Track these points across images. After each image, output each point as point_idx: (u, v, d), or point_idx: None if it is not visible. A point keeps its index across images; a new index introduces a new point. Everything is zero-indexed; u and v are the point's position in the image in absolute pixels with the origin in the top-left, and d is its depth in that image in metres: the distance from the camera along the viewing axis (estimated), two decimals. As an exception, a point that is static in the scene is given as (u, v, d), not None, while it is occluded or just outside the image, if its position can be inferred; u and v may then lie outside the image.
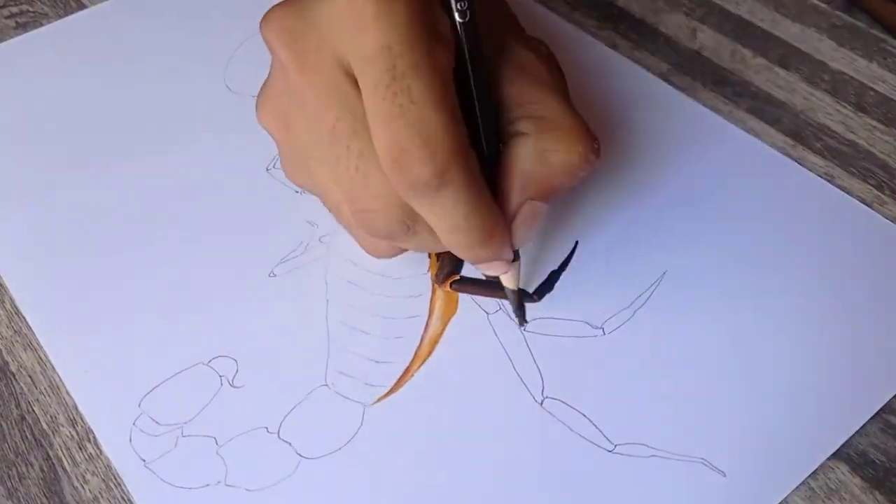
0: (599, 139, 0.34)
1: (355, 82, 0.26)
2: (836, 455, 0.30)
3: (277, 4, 0.28)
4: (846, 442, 0.30)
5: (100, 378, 0.32)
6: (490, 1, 0.30)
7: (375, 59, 0.25)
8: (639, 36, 0.44)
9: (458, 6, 0.27)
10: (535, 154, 0.29)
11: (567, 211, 0.37)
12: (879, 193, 0.37)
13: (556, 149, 0.29)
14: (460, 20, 0.27)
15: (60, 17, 0.46)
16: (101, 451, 0.31)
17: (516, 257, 0.31)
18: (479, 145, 0.29)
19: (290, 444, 0.30)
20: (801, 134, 0.40)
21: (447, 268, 0.35)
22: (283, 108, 0.29)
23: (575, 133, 0.29)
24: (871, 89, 0.41)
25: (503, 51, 0.30)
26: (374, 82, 0.25)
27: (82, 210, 0.37)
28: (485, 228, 0.28)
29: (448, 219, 0.27)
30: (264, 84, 0.30)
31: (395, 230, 0.28)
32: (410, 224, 0.28)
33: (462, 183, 0.26)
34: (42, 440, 0.31)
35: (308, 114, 0.28)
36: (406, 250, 0.32)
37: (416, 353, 0.33)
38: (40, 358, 0.33)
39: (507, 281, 0.32)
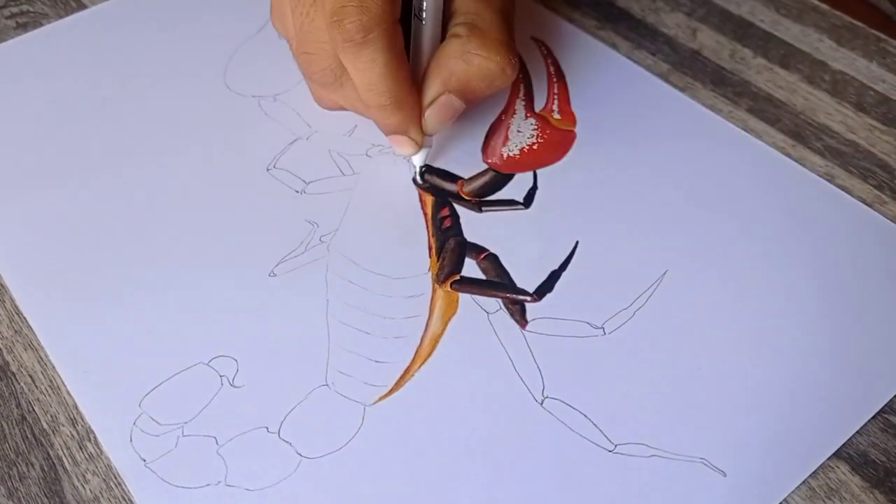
0: (599, 139, 0.35)
1: None
2: (837, 455, 0.30)
3: None
4: (846, 442, 0.30)
5: (100, 378, 0.32)
6: None
7: None
8: (639, 36, 0.44)
9: None
10: (461, 53, 0.34)
11: (567, 211, 0.37)
12: (880, 193, 0.37)
13: (478, 53, 0.34)
14: None
15: (61, 17, 0.46)
16: (101, 451, 0.31)
17: (428, 145, 0.36)
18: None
19: (290, 443, 0.30)
20: (801, 134, 0.40)
21: (448, 268, 0.35)
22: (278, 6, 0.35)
23: (498, 45, 0.34)
24: (871, 89, 0.41)
25: None
26: None
27: (82, 210, 0.37)
28: (397, 94, 0.33)
29: (366, 75, 0.32)
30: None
31: (326, 77, 0.34)
32: (338, 75, 0.34)
33: (382, 47, 0.32)
34: (42, 440, 0.31)
35: None
36: (345, 108, 0.36)
37: (416, 353, 0.33)
38: (41, 358, 0.33)
39: (415, 160, 0.37)
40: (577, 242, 0.36)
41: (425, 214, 0.37)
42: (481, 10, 0.34)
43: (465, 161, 0.39)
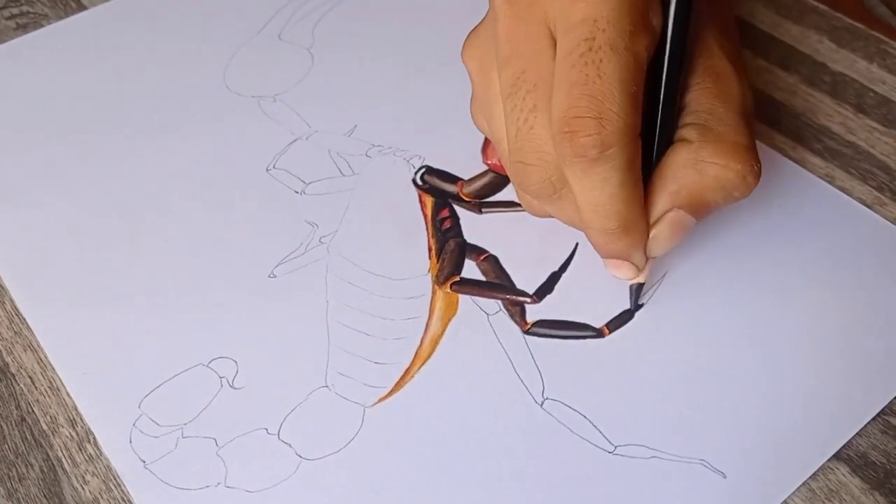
0: None
1: (554, 44, 0.28)
2: (837, 456, 0.30)
3: None
4: (846, 443, 0.30)
5: (100, 379, 0.32)
6: (711, 2, 0.31)
7: (579, 26, 0.27)
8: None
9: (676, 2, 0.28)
10: (692, 163, 0.29)
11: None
12: (880, 195, 0.37)
13: (713, 161, 0.29)
14: (674, 16, 0.28)
15: (61, 18, 0.46)
16: (101, 452, 0.31)
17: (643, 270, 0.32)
18: (649, 143, 0.29)
19: (290, 445, 0.30)
20: (801, 135, 0.40)
21: (447, 269, 0.35)
22: (485, 50, 0.31)
23: (737, 150, 0.29)
24: (871, 90, 0.41)
25: (702, 52, 0.30)
26: (569, 48, 0.27)
27: (82, 210, 0.37)
28: (625, 218, 0.29)
29: (594, 195, 0.28)
30: (477, 25, 0.33)
31: (543, 189, 0.30)
32: (558, 188, 0.29)
33: (619, 165, 0.27)
34: (42, 441, 0.31)
35: (501, 59, 0.29)
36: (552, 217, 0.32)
37: (416, 355, 0.33)
38: (40, 359, 0.33)
39: (634, 280, 0.32)
40: (577, 244, 0.36)
41: (425, 216, 0.37)
42: (717, 108, 0.29)
43: (465, 162, 0.39)
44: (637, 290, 0.33)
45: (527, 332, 0.33)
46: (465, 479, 0.29)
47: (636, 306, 0.33)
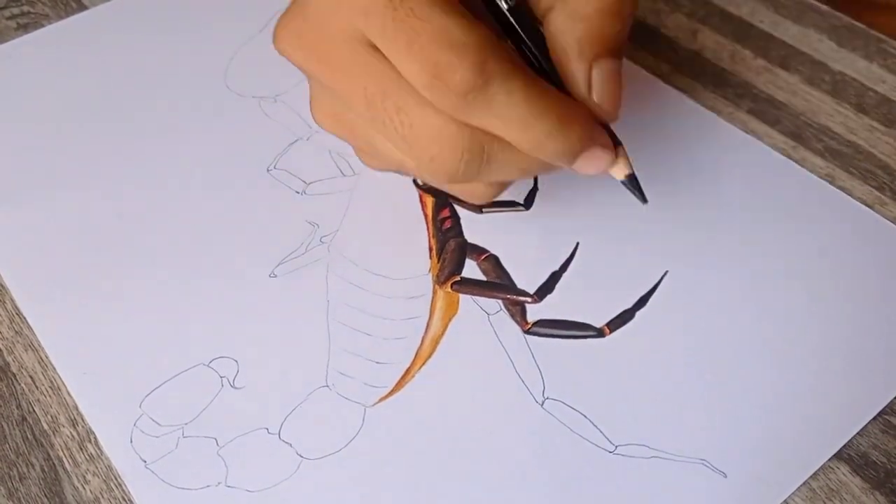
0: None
1: (370, 46, 0.26)
2: (837, 456, 0.30)
3: (280, 18, 0.29)
4: (847, 443, 0.30)
5: (101, 379, 0.32)
6: None
7: (372, 3, 0.25)
8: (640, 37, 0.44)
9: None
10: (570, 15, 0.27)
11: (568, 212, 0.37)
12: (880, 195, 0.37)
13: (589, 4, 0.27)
14: None
15: (61, 18, 0.46)
16: (101, 452, 0.31)
17: (616, 142, 0.29)
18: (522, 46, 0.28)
19: (290, 445, 0.30)
20: (801, 135, 0.40)
21: (448, 269, 0.35)
22: (329, 107, 0.30)
23: None
24: (872, 90, 0.41)
25: None
26: (381, 24, 0.25)
27: (83, 210, 0.37)
28: (557, 111, 0.26)
29: (513, 114, 0.26)
30: (310, 98, 0.31)
31: (469, 164, 0.27)
32: (477, 149, 0.27)
33: (506, 72, 0.25)
34: (43, 440, 0.31)
35: (344, 99, 0.28)
36: (504, 186, 0.30)
37: (416, 354, 0.33)
38: (41, 358, 0.33)
39: (618, 170, 0.29)
40: (577, 244, 0.36)
41: (426, 215, 0.37)
42: None
43: (466, 162, 0.38)
44: (633, 183, 0.30)
45: (527, 332, 0.33)
46: (465, 479, 0.29)
47: (643, 199, 0.30)
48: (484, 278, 0.35)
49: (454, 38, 0.25)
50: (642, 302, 0.34)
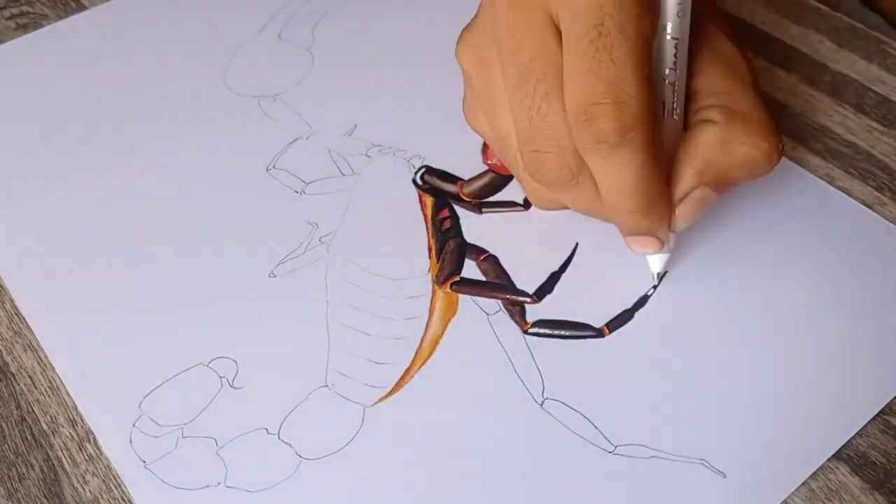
0: None
1: (558, 33, 0.28)
2: (837, 456, 0.30)
3: None
4: (846, 443, 0.30)
5: (100, 379, 0.32)
6: None
7: (585, 13, 0.27)
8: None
9: None
10: (720, 142, 0.29)
11: (567, 212, 0.37)
12: (879, 195, 0.37)
13: (742, 141, 0.29)
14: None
15: (60, 18, 0.46)
16: (101, 452, 0.31)
17: (667, 249, 0.32)
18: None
19: (290, 445, 0.30)
20: (801, 135, 0.40)
21: (447, 269, 0.35)
22: (483, 45, 0.31)
23: (764, 128, 0.30)
24: (871, 90, 0.41)
25: (706, 38, 0.31)
26: (578, 36, 0.27)
27: (82, 211, 0.37)
28: (649, 197, 0.29)
29: (617, 178, 0.28)
30: (470, 22, 0.32)
31: (561, 177, 0.29)
32: (576, 174, 0.29)
33: (640, 146, 0.28)
34: (42, 441, 0.31)
35: (504, 52, 0.29)
36: (566, 208, 0.32)
37: (416, 354, 0.33)
38: (40, 359, 0.33)
39: (653, 264, 0.33)
40: (576, 244, 0.36)
41: (425, 215, 0.37)
42: (734, 87, 0.30)
43: (465, 162, 0.38)
44: (658, 278, 0.34)
45: (527, 332, 0.33)
46: (464, 479, 0.29)
47: (658, 282, 0.34)
48: (483, 278, 0.35)
49: (623, 94, 0.27)
50: (642, 302, 0.34)
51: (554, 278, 0.35)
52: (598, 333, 0.33)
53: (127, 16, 0.46)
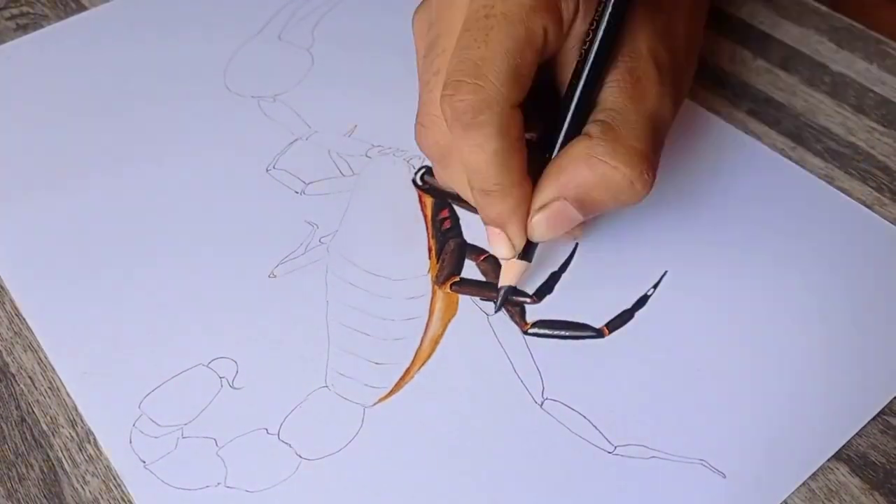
0: None
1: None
2: (837, 456, 0.30)
3: None
4: (846, 443, 0.30)
5: (100, 379, 0.32)
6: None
7: (470, 15, 0.28)
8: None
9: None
10: (585, 158, 0.29)
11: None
12: (879, 195, 0.37)
13: (603, 160, 0.29)
14: (605, 14, 0.29)
15: (61, 18, 0.46)
16: (101, 453, 0.31)
17: (527, 257, 0.32)
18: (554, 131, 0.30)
19: (290, 445, 0.30)
20: (801, 136, 0.40)
21: (447, 269, 0.35)
22: (423, 20, 0.33)
23: (631, 154, 0.29)
24: (871, 91, 0.41)
25: (631, 56, 0.30)
26: (471, 13, 0.28)
27: (82, 211, 0.37)
28: (500, 184, 0.29)
29: (472, 158, 0.29)
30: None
31: (433, 153, 0.32)
32: (445, 153, 0.31)
33: (492, 133, 0.28)
34: (42, 441, 0.31)
35: (431, 26, 0.32)
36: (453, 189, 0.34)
37: (416, 355, 0.33)
38: (40, 359, 0.33)
39: (505, 274, 0.33)
40: (577, 244, 0.36)
41: (425, 216, 0.37)
42: (627, 108, 0.29)
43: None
44: (504, 294, 0.33)
45: (527, 333, 0.33)
46: (464, 480, 0.29)
47: (497, 308, 0.33)
48: (483, 279, 0.35)
49: (482, 75, 0.28)
50: (642, 302, 0.34)
51: (554, 278, 0.35)
52: (598, 333, 0.33)
53: (127, 16, 0.46)
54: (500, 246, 0.31)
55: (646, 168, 0.29)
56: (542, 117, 0.31)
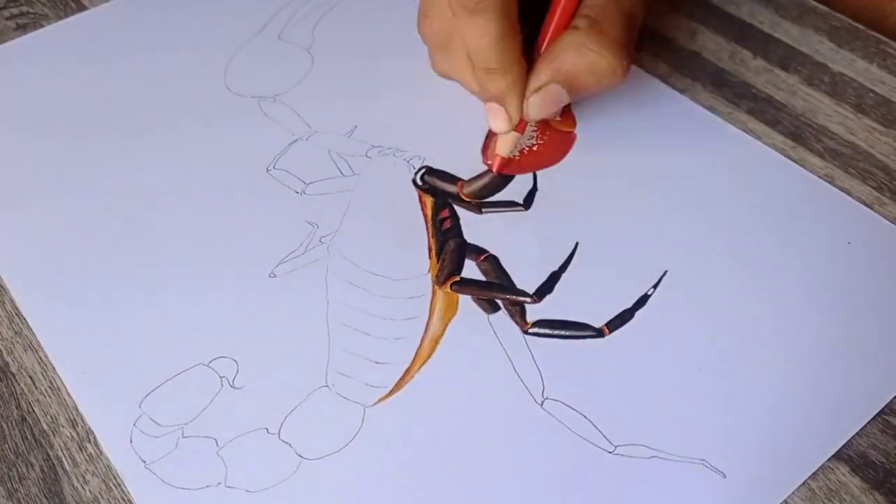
0: (599, 141, 0.34)
1: None
2: (837, 456, 0.30)
3: None
4: (846, 443, 0.30)
5: (100, 379, 0.32)
6: None
7: None
8: (639, 37, 0.44)
9: None
10: (575, 46, 0.34)
11: (567, 212, 0.37)
12: (879, 195, 0.37)
13: (591, 48, 0.34)
14: None
15: (60, 18, 0.46)
16: (101, 452, 0.31)
17: (519, 129, 0.36)
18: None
19: (290, 445, 0.30)
20: (801, 135, 0.40)
21: (447, 269, 0.35)
22: None
23: (614, 43, 0.34)
24: (871, 91, 0.41)
25: None
26: None
27: (82, 211, 0.37)
28: (502, 62, 0.33)
29: (476, 41, 0.33)
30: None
31: (437, 38, 0.36)
32: (449, 38, 0.35)
33: (495, 16, 0.32)
34: (42, 441, 0.31)
35: None
36: (452, 78, 0.38)
37: (416, 355, 0.33)
38: (41, 359, 0.33)
39: (501, 145, 0.37)
40: (576, 244, 0.36)
41: (425, 216, 0.37)
42: (607, 5, 0.35)
43: (465, 162, 0.39)
44: (500, 163, 0.37)
45: (527, 332, 0.33)
46: (464, 479, 0.29)
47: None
48: (483, 278, 0.35)
49: None
50: (642, 302, 0.34)
51: (554, 278, 0.35)
52: (598, 333, 0.33)
53: (127, 16, 0.46)
54: (499, 119, 0.35)
55: (625, 57, 0.34)
56: (530, 17, 0.35)
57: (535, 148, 0.39)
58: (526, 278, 0.35)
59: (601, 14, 0.34)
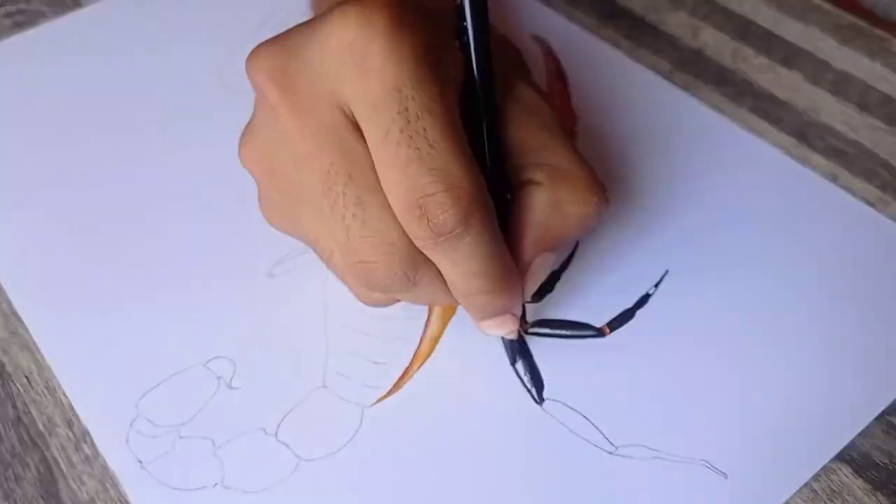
0: (600, 139, 0.33)
1: (354, 126, 0.25)
2: (839, 457, 0.30)
3: (265, 42, 0.27)
4: (849, 444, 0.30)
5: (96, 379, 0.32)
6: (497, 41, 0.29)
7: (384, 102, 0.24)
8: (640, 35, 0.44)
9: (469, 39, 0.26)
10: (550, 205, 0.28)
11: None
12: (882, 194, 0.37)
13: (572, 200, 0.28)
14: (476, 58, 0.26)
15: (57, 15, 0.46)
16: (97, 453, 0.30)
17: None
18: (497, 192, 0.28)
19: (287, 445, 0.30)
20: (804, 134, 0.39)
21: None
22: (269, 150, 0.28)
23: (589, 184, 0.28)
24: (875, 89, 0.41)
25: (510, 91, 0.29)
26: (384, 127, 0.24)
27: (79, 210, 0.37)
28: (502, 277, 0.27)
29: (466, 266, 0.26)
30: (248, 124, 0.29)
31: (395, 283, 0.26)
32: (412, 275, 0.26)
33: (482, 229, 0.25)
34: (38, 441, 0.31)
35: (299, 158, 0.26)
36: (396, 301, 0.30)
37: (415, 355, 0.32)
38: (37, 359, 0.33)
39: (510, 336, 0.31)
40: (577, 243, 0.35)
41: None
42: (553, 143, 0.29)
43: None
44: (511, 345, 0.32)
45: (527, 332, 0.33)
46: (464, 480, 0.29)
47: (513, 360, 0.32)
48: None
49: (453, 178, 0.24)
50: (642, 302, 0.33)
51: (554, 278, 0.34)
52: (599, 333, 0.33)
53: (124, 14, 0.46)
54: (506, 327, 0.29)
55: (602, 188, 0.29)
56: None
57: None
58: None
59: (550, 156, 0.28)
